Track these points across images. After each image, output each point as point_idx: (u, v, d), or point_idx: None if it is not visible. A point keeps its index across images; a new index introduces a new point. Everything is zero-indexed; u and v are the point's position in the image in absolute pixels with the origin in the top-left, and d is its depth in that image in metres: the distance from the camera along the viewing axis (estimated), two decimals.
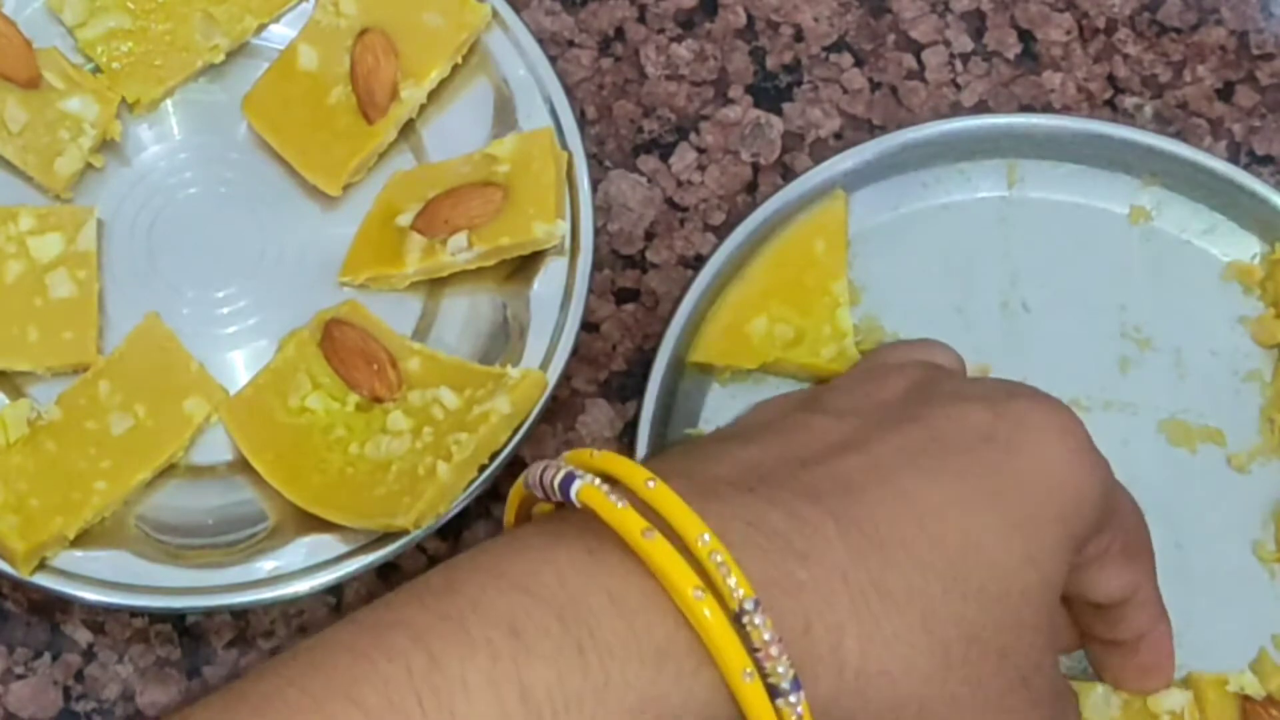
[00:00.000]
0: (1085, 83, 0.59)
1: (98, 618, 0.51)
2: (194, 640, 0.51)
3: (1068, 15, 0.60)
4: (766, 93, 0.59)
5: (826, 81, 0.59)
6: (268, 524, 0.51)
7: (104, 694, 0.51)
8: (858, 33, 0.60)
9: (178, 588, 0.49)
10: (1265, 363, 0.55)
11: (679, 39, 0.59)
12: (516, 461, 0.53)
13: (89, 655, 0.51)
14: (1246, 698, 0.49)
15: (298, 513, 0.50)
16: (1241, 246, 0.56)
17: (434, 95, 0.56)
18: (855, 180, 0.55)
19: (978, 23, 0.60)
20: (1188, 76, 0.60)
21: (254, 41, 0.57)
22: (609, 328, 0.56)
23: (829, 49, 0.60)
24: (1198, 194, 0.56)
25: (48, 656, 0.51)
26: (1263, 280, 0.55)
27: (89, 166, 0.55)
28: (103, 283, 0.54)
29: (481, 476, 0.50)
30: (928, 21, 0.60)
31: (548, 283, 0.53)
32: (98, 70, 0.56)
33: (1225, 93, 0.60)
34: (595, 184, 0.56)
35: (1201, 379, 0.54)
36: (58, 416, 0.51)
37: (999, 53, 0.60)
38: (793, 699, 0.35)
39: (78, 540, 0.49)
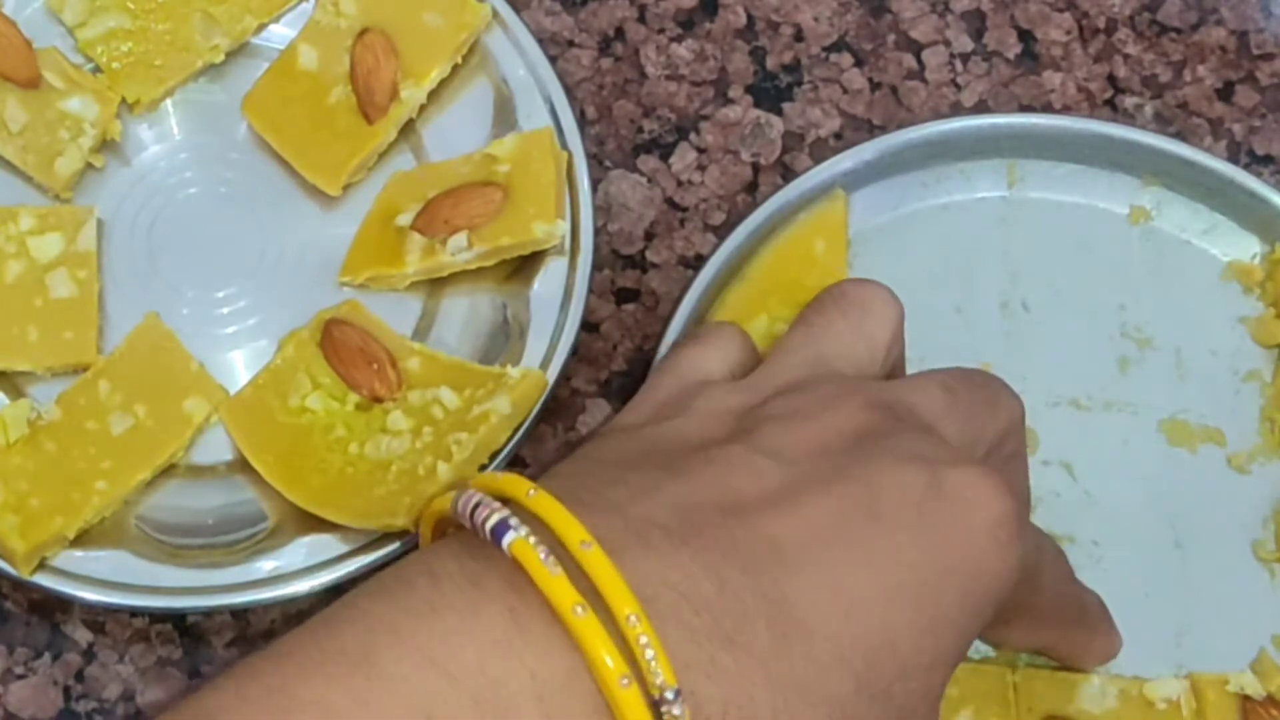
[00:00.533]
0: (1085, 83, 0.59)
1: (98, 618, 0.51)
2: (194, 640, 0.51)
3: (1068, 15, 0.60)
4: (766, 93, 0.59)
5: (826, 81, 0.59)
6: (268, 524, 0.51)
7: (104, 694, 0.51)
8: (858, 33, 0.60)
9: (178, 588, 0.49)
10: (1265, 363, 0.55)
11: (679, 39, 0.59)
12: (517, 461, 0.53)
13: (89, 655, 0.51)
14: (1247, 698, 0.49)
15: (298, 513, 0.50)
16: (1241, 246, 0.56)
17: (434, 95, 0.56)
18: (855, 180, 0.55)
19: (978, 23, 0.60)
20: (1188, 76, 0.60)
21: (254, 41, 0.57)
22: (609, 328, 0.56)
23: (829, 49, 0.60)
24: (1198, 194, 0.56)
25: (48, 656, 0.51)
26: (1263, 280, 0.55)
27: (89, 166, 0.55)
28: (103, 283, 0.54)
29: None
30: (928, 21, 0.60)
31: (548, 283, 0.53)
32: (98, 70, 0.56)
33: (1225, 93, 0.60)
34: (595, 184, 0.56)
35: (1201, 379, 0.54)
36: (58, 416, 0.51)
37: (999, 53, 0.60)
38: None
39: (78, 540, 0.49)
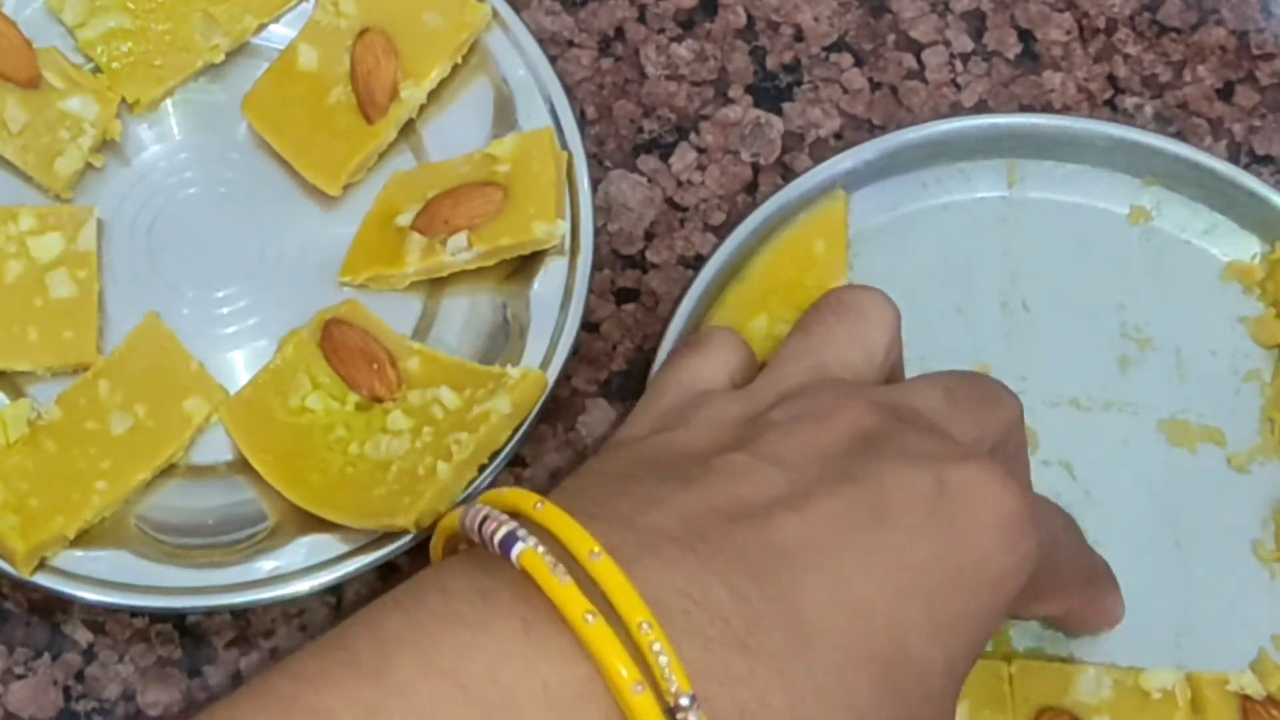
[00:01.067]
0: (1085, 83, 0.59)
1: (98, 618, 0.51)
2: (194, 640, 0.51)
3: (1068, 15, 0.60)
4: (766, 93, 0.59)
5: (826, 81, 0.59)
6: (268, 524, 0.51)
7: (104, 694, 0.51)
8: (858, 33, 0.60)
9: (178, 588, 0.49)
10: (1265, 363, 0.55)
11: (679, 39, 0.59)
12: (517, 461, 0.53)
13: (89, 655, 0.51)
14: (1247, 698, 0.49)
15: (298, 513, 0.50)
16: (1241, 246, 0.56)
17: (434, 95, 0.56)
18: (855, 180, 0.55)
19: (978, 23, 0.60)
20: (1188, 76, 0.60)
21: (254, 41, 0.57)
22: (609, 328, 0.56)
23: (829, 49, 0.60)
24: (1197, 194, 0.56)
25: (48, 656, 0.51)
26: (1263, 280, 0.55)
27: (89, 166, 0.55)
28: (103, 283, 0.54)
29: (481, 476, 0.50)
30: (928, 21, 0.60)
31: (548, 283, 0.53)
32: (98, 70, 0.56)
33: (1225, 93, 0.60)
34: (595, 184, 0.56)
35: (1201, 379, 0.54)
36: (58, 416, 0.51)
37: (999, 53, 0.60)
38: None
39: (78, 540, 0.49)
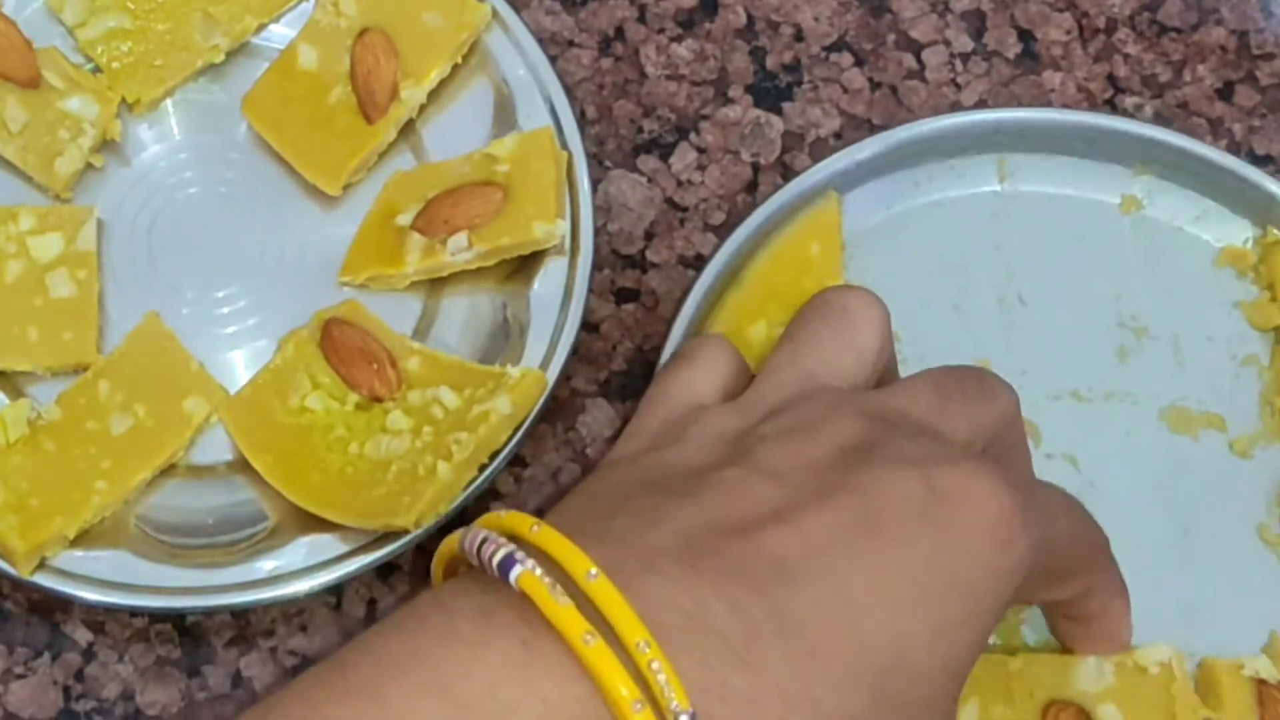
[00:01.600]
0: (1085, 82, 0.59)
1: (98, 617, 0.51)
2: (194, 640, 0.51)
3: (1068, 15, 0.60)
4: (766, 93, 0.59)
5: (826, 81, 0.59)
6: (268, 524, 0.51)
7: (104, 694, 0.51)
8: (858, 32, 0.60)
9: (178, 588, 0.49)
10: (1262, 346, 0.55)
11: (679, 39, 0.59)
12: (517, 461, 0.53)
13: (89, 655, 0.51)
14: (1262, 681, 0.49)
15: (298, 513, 0.50)
16: (1233, 231, 0.56)
17: (434, 95, 0.56)
18: (848, 181, 0.55)
19: (978, 22, 0.60)
20: (1188, 76, 0.60)
21: (254, 41, 0.57)
22: (609, 328, 0.56)
23: (829, 49, 0.60)
24: (1188, 181, 0.56)
25: (48, 656, 0.51)
26: (1256, 264, 0.55)
27: (89, 166, 0.55)
28: (103, 283, 0.54)
29: (482, 476, 0.50)
30: (928, 21, 0.60)
31: (548, 283, 0.53)
32: (98, 70, 0.56)
33: (1225, 93, 0.60)
34: (595, 184, 0.56)
35: (1200, 365, 0.54)
36: (58, 416, 0.51)
37: (999, 52, 0.60)
38: None
39: (78, 540, 0.49)
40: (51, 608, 0.52)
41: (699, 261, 0.55)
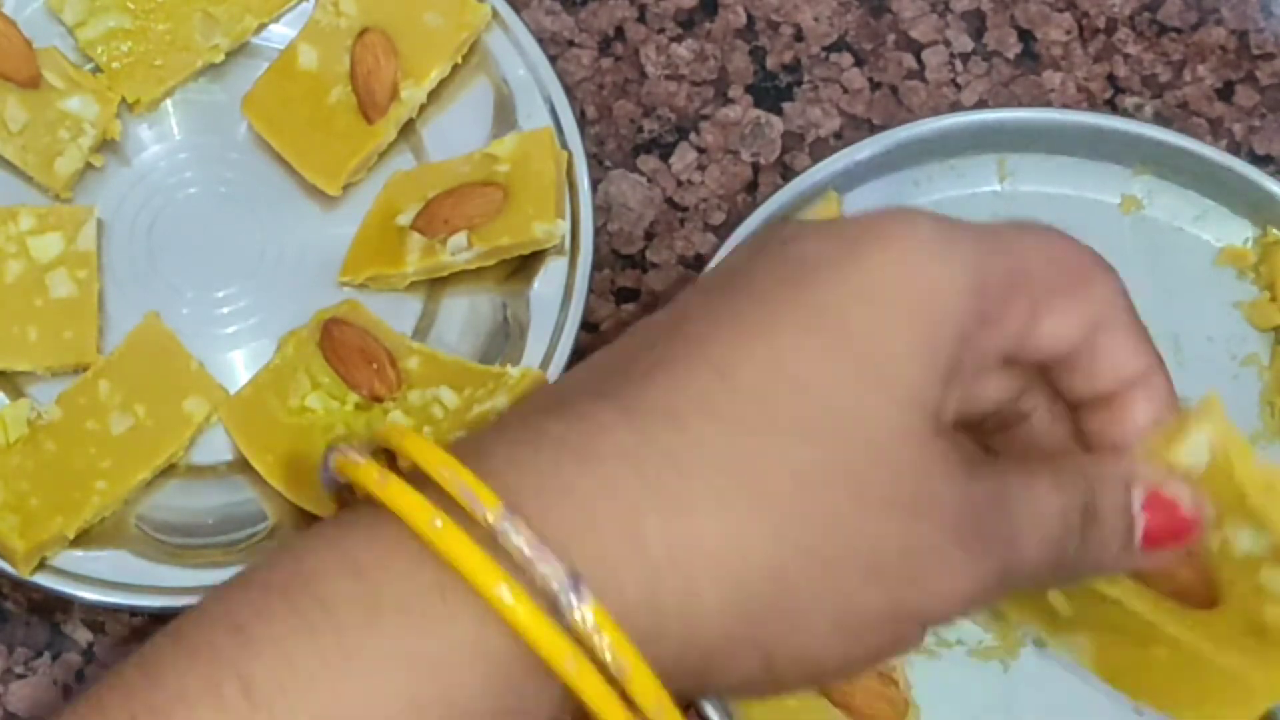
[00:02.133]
0: (1085, 82, 0.59)
1: (98, 617, 0.51)
2: None
3: (1068, 15, 0.60)
4: (766, 93, 0.59)
5: (826, 81, 0.59)
6: (268, 524, 0.51)
7: None
8: (858, 32, 0.60)
9: (178, 588, 0.49)
10: (1262, 346, 0.55)
11: (679, 39, 0.59)
12: None
13: (89, 655, 0.51)
14: None
15: (298, 513, 0.50)
16: (1233, 231, 0.56)
17: (434, 95, 0.56)
18: (848, 181, 0.55)
19: (978, 22, 0.60)
20: (1188, 76, 0.60)
21: (254, 41, 0.57)
22: (609, 328, 0.56)
23: (829, 49, 0.60)
24: (1188, 181, 0.56)
25: (48, 656, 0.51)
26: (1256, 264, 0.55)
27: (89, 166, 0.55)
28: (103, 283, 0.54)
29: None
30: (928, 21, 0.60)
31: (548, 283, 0.53)
32: (98, 70, 0.56)
33: (1225, 93, 0.60)
34: (595, 184, 0.56)
35: (1200, 365, 0.54)
36: (58, 416, 0.51)
37: (999, 52, 0.60)
38: (572, 599, 0.30)
39: (78, 540, 0.49)
40: (51, 608, 0.52)
41: (699, 261, 0.55)
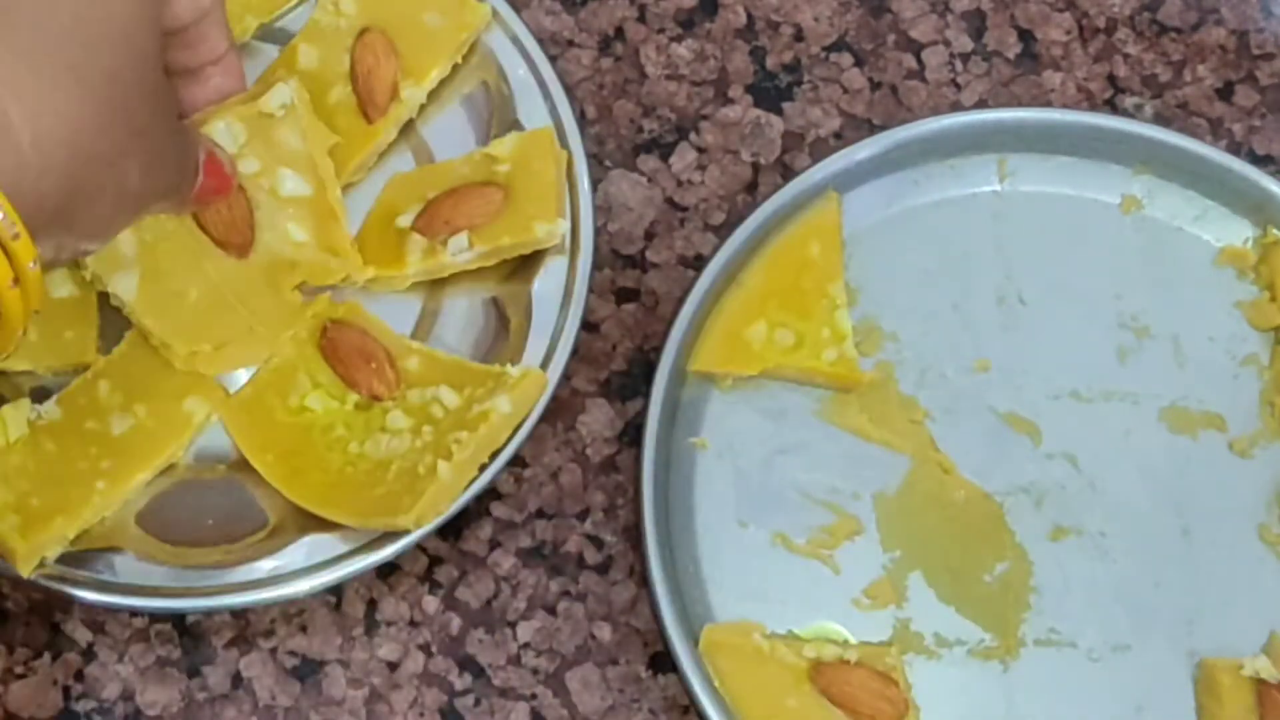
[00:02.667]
0: (1085, 82, 0.59)
1: (98, 617, 0.51)
2: (194, 640, 0.51)
3: (1068, 15, 0.60)
4: (766, 92, 0.59)
5: (826, 81, 0.59)
6: (268, 524, 0.51)
7: (104, 694, 0.51)
8: (858, 32, 0.60)
9: (178, 588, 0.49)
10: (1262, 346, 0.55)
11: (679, 39, 0.59)
12: (517, 461, 0.53)
13: (89, 655, 0.51)
14: (1261, 681, 0.49)
15: (298, 513, 0.50)
16: (1233, 231, 0.56)
17: (434, 95, 0.56)
18: (849, 180, 0.55)
19: (978, 23, 0.60)
20: (1188, 76, 0.60)
21: (254, 41, 0.57)
22: (609, 328, 0.56)
23: (829, 49, 0.60)
24: (1188, 181, 0.56)
25: (48, 656, 0.51)
26: (1256, 264, 0.55)
27: None
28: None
29: (482, 475, 0.50)
30: (928, 21, 0.60)
31: (548, 282, 0.53)
32: None
33: (1225, 92, 0.60)
34: (595, 184, 0.56)
35: (1200, 365, 0.54)
36: (58, 416, 0.51)
37: (999, 52, 0.60)
38: None
39: (78, 540, 0.49)
40: (51, 608, 0.52)
41: (699, 261, 0.55)
